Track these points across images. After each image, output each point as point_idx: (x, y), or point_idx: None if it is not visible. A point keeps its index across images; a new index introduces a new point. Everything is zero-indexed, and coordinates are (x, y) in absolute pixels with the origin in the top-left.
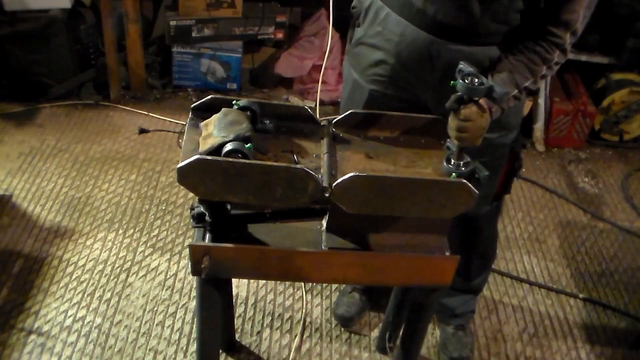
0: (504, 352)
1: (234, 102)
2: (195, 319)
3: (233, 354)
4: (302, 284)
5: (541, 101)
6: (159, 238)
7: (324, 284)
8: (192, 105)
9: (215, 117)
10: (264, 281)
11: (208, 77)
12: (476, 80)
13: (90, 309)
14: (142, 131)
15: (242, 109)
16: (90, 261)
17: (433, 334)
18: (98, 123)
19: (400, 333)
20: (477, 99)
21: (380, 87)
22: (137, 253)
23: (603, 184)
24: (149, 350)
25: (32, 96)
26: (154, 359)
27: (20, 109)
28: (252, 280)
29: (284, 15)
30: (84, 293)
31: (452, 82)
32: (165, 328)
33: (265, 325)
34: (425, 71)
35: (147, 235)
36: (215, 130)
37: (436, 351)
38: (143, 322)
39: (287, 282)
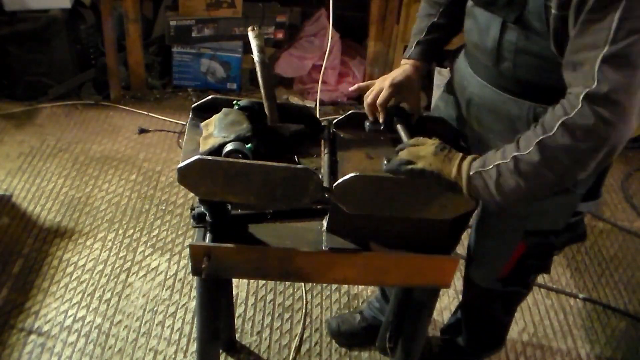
0: (504, 352)
1: (234, 102)
2: (195, 319)
3: (233, 354)
4: (302, 284)
5: None
6: (159, 238)
7: (324, 284)
8: (193, 106)
9: (215, 117)
10: (264, 281)
11: (208, 77)
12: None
13: (90, 309)
14: (142, 131)
15: (243, 109)
16: (90, 261)
17: (433, 334)
18: (98, 123)
19: (401, 333)
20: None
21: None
22: (137, 253)
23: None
24: (149, 350)
25: (32, 96)
26: (154, 359)
27: (20, 109)
28: (252, 280)
29: (284, 15)
30: (84, 293)
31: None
32: (165, 328)
33: (265, 325)
34: (459, 102)
35: (147, 235)
36: (216, 131)
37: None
38: (143, 322)
39: (287, 282)
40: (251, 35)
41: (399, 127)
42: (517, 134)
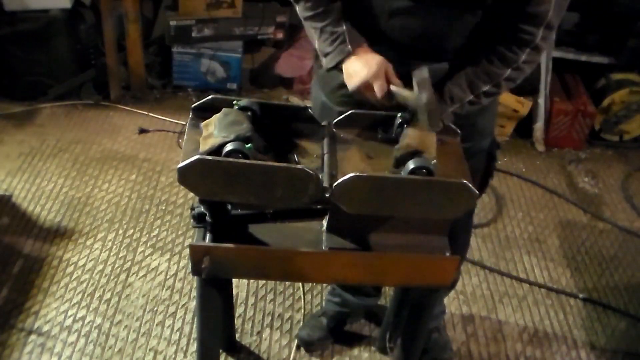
0: (504, 352)
1: (234, 102)
2: (195, 319)
3: (233, 354)
4: (302, 284)
5: (541, 101)
6: (159, 238)
7: (324, 284)
8: (193, 106)
9: (215, 117)
10: (264, 281)
11: (208, 77)
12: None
13: (90, 309)
14: (142, 131)
15: (243, 109)
16: (90, 261)
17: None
18: (98, 123)
19: (401, 333)
20: None
21: (349, 107)
22: (137, 253)
23: (603, 184)
24: (149, 350)
25: (32, 96)
26: (154, 359)
27: (20, 109)
28: (252, 280)
29: (284, 15)
30: (84, 293)
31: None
32: (165, 328)
33: (265, 325)
34: None
35: (147, 235)
36: (216, 131)
37: None
38: (143, 322)
39: (287, 282)
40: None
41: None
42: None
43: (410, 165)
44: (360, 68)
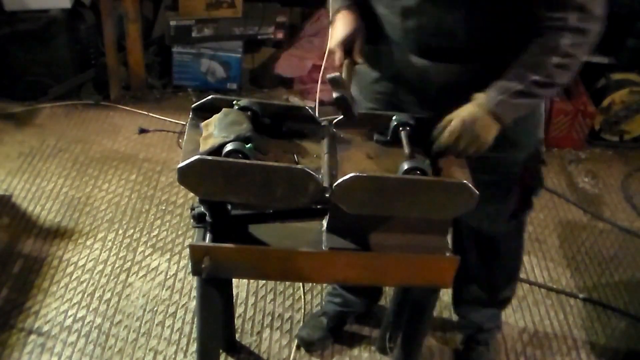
0: (504, 352)
1: (234, 102)
2: (195, 319)
3: (233, 354)
4: (302, 284)
5: None
6: (159, 238)
7: (324, 284)
8: (193, 106)
9: (215, 117)
10: (264, 281)
11: (208, 77)
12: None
13: (90, 309)
14: (142, 131)
15: (243, 109)
16: (90, 261)
17: (434, 334)
18: (98, 123)
19: (401, 333)
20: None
21: (379, 105)
22: (137, 253)
23: (603, 184)
24: (149, 350)
25: (32, 96)
26: (154, 359)
27: (20, 109)
28: (252, 280)
29: (284, 15)
30: (84, 293)
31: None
32: (165, 328)
33: (265, 325)
34: (420, 91)
35: (147, 235)
36: (216, 131)
37: (436, 351)
38: (143, 322)
39: (287, 282)
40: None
41: (402, 135)
42: (473, 93)
43: (405, 166)
44: (331, 34)
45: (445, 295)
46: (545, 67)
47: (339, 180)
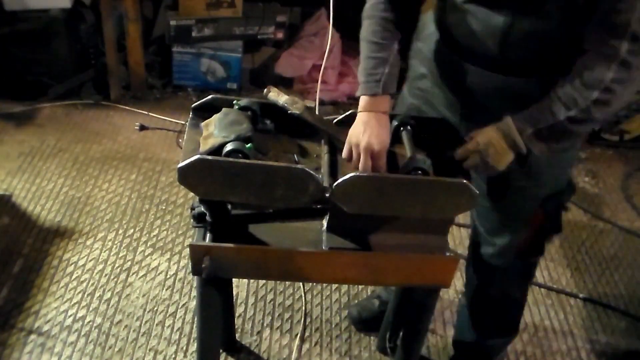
0: (504, 351)
1: (234, 102)
2: (195, 319)
3: (233, 353)
4: (302, 284)
5: None
6: (159, 238)
7: (324, 284)
8: (193, 105)
9: (215, 117)
10: (264, 281)
11: (208, 77)
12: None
13: (90, 308)
14: (143, 128)
15: (243, 109)
16: (90, 261)
17: (433, 334)
18: (98, 123)
19: (401, 333)
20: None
21: (419, 102)
22: (137, 253)
23: (603, 184)
24: (149, 350)
25: (32, 96)
26: (154, 359)
27: (20, 109)
28: (252, 280)
29: (284, 15)
30: (84, 293)
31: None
32: (165, 328)
33: (265, 325)
34: (454, 92)
35: (147, 235)
36: (216, 130)
37: (436, 351)
38: (143, 322)
39: (287, 282)
40: (272, 95)
41: (403, 135)
42: (523, 109)
43: (405, 165)
44: (364, 131)
45: (445, 295)
46: (583, 103)
47: (339, 180)
